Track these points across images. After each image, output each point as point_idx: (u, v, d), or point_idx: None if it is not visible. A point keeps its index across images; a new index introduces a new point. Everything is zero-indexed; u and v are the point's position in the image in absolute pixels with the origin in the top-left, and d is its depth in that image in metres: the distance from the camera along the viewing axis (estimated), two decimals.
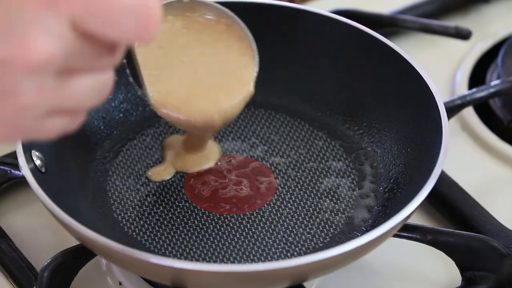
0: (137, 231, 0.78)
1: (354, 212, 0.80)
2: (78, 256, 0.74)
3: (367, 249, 0.70)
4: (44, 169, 0.75)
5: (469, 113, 0.95)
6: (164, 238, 0.78)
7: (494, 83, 0.90)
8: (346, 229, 0.78)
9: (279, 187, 0.82)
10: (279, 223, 0.79)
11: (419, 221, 0.84)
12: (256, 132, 0.88)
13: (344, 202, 0.81)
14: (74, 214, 0.69)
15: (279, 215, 0.80)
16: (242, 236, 0.78)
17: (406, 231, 0.76)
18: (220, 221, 0.79)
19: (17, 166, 0.72)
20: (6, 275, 0.79)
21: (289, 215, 0.80)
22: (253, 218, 0.79)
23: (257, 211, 0.80)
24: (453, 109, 0.88)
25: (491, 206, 0.84)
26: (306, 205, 0.81)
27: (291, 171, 0.84)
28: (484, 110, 0.97)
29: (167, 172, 0.84)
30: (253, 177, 0.83)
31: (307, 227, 0.79)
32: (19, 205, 0.85)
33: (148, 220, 0.79)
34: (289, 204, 0.81)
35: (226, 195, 0.81)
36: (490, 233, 0.81)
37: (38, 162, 0.74)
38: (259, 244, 0.77)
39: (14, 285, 0.78)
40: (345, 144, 0.86)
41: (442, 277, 0.80)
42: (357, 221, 0.79)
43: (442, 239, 0.76)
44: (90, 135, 0.84)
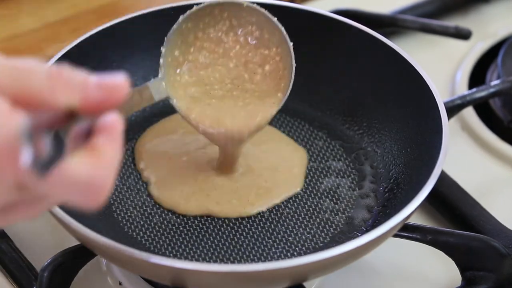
0: (137, 231, 0.78)
1: (354, 212, 0.80)
2: (78, 256, 0.74)
3: (367, 249, 0.70)
4: None
5: (469, 113, 0.95)
6: (164, 238, 0.78)
7: (494, 83, 0.90)
8: (346, 229, 0.78)
9: None
10: (279, 223, 0.79)
11: (419, 221, 0.84)
12: None
13: (344, 202, 0.81)
14: (74, 214, 0.69)
15: (279, 215, 0.80)
16: (242, 236, 0.78)
17: (406, 231, 0.76)
18: (220, 221, 0.79)
19: None
20: (6, 275, 0.79)
21: (289, 215, 0.80)
22: (253, 218, 0.79)
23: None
24: (453, 109, 0.88)
25: (491, 206, 0.84)
26: (306, 205, 0.81)
27: None
28: (484, 110, 0.97)
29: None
30: None
31: (307, 227, 0.79)
32: None
33: (148, 220, 0.79)
34: (289, 204, 0.81)
35: None
36: (490, 233, 0.81)
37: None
38: (259, 244, 0.77)
39: (14, 285, 0.78)
40: (345, 144, 0.86)
41: (442, 277, 0.80)
42: (357, 221, 0.79)
43: (442, 239, 0.76)
44: None
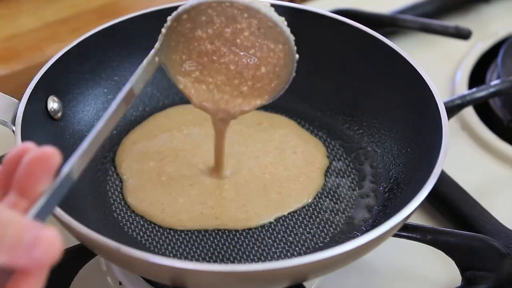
0: (137, 231, 0.78)
1: (354, 212, 0.80)
2: (78, 256, 0.74)
3: (367, 249, 0.70)
4: None
5: (469, 113, 0.95)
6: (164, 238, 0.78)
7: (494, 83, 0.90)
8: (346, 229, 0.78)
9: None
10: (279, 223, 0.79)
11: (419, 221, 0.84)
12: None
13: (344, 202, 0.81)
14: (74, 214, 0.69)
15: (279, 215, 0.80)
16: (242, 236, 0.78)
17: (406, 231, 0.76)
18: None
19: None
20: None
21: (289, 215, 0.80)
22: None
23: None
24: (453, 109, 0.88)
25: (491, 206, 0.84)
26: (306, 205, 0.81)
27: None
28: (484, 110, 0.97)
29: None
30: None
31: (307, 227, 0.79)
32: None
33: (148, 220, 0.79)
34: None
35: None
36: (490, 233, 0.81)
37: None
38: (259, 244, 0.77)
39: None
40: (345, 144, 0.86)
41: (442, 277, 0.80)
42: (357, 221, 0.79)
43: (442, 239, 0.76)
44: None
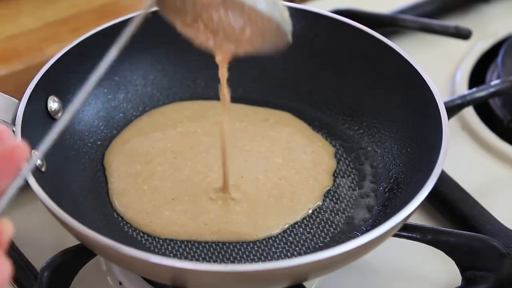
0: (137, 231, 0.78)
1: (354, 212, 0.80)
2: (78, 256, 0.74)
3: (367, 249, 0.70)
4: (44, 168, 0.75)
5: (469, 113, 0.95)
6: (164, 238, 0.77)
7: (494, 83, 0.90)
8: (346, 229, 0.78)
9: None
10: None
11: (419, 221, 0.84)
12: None
13: (344, 202, 0.81)
14: (74, 214, 0.69)
15: None
16: None
17: (406, 231, 0.76)
18: None
19: None
20: None
21: None
22: None
23: None
24: (453, 109, 0.88)
25: (491, 206, 0.84)
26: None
27: None
28: (484, 110, 0.97)
29: None
30: None
31: (307, 227, 0.78)
32: (19, 205, 0.85)
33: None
34: None
35: None
36: (490, 232, 0.81)
37: (38, 162, 0.74)
38: (259, 244, 0.77)
39: (14, 285, 0.78)
40: (345, 144, 0.86)
41: (442, 277, 0.80)
42: (357, 221, 0.79)
43: (442, 239, 0.76)
44: (90, 135, 0.84)
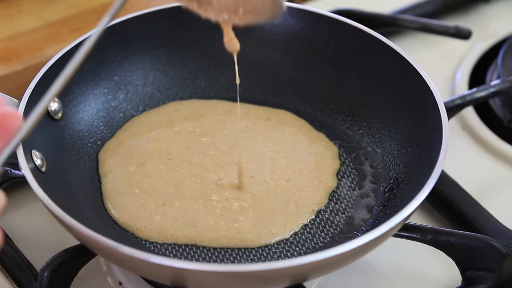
0: None
1: (354, 212, 0.80)
2: (78, 256, 0.74)
3: (367, 249, 0.70)
4: (44, 169, 0.75)
5: (469, 113, 0.95)
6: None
7: (494, 83, 0.90)
8: (346, 229, 0.78)
9: None
10: None
11: (419, 221, 0.84)
12: None
13: (344, 202, 0.81)
14: (74, 214, 0.69)
15: None
16: None
17: (406, 231, 0.76)
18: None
19: (17, 165, 0.71)
20: (6, 275, 0.79)
21: None
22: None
23: None
24: (453, 109, 0.88)
25: (491, 206, 0.84)
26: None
27: None
28: (484, 110, 0.97)
29: None
30: None
31: (307, 227, 0.78)
32: (19, 205, 0.85)
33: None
34: None
35: None
36: (490, 233, 0.81)
37: (38, 161, 0.74)
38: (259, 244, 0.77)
39: (14, 285, 0.78)
40: (345, 144, 0.86)
41: (442, 277, 0.80)
42: (357, 221, 0.79)
43: (442, 239, 0.76)
44: (90, 135, 0.84)
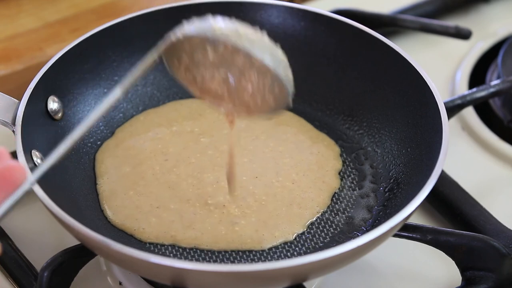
0: None
1: (354, 212, 0.80)
2: (78, 256, 0.74)
3: (367, 249, 0.70)
4: None
5: (469, 113, 0.95)
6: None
7: (494, 83, 0.90)
8: (346, 229, 0.78)
9: None
10: None
11: (419, 221, 0.84)
12: None
13: (344, 202, 0.81)
14: (74, 214, 0.69)
15: None
16: None
17: (406, 231, 0.76)
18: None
19: None
20: (6, 275, 0.79)
21: None
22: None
23: None
24: (453, 109, 0.88)
25: (491, 206, 0.84)
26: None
27: None
28: (484, 110, 0.97)
29: None
30: None
31: (308, 227, 0.78)
32: (19, 205, 0.85)
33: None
34: None
35: None
36: (490, 233, 0.81)
37: (38, 161, 0.74)
38: None
39: (14, 285, 0.78)
40: (345, 144, 0.86)
41: (442, 277, 0.80)
42: (357, 221, 0.79)
43: (442, 239, 0.76)
44: (90, 135, 0.84)
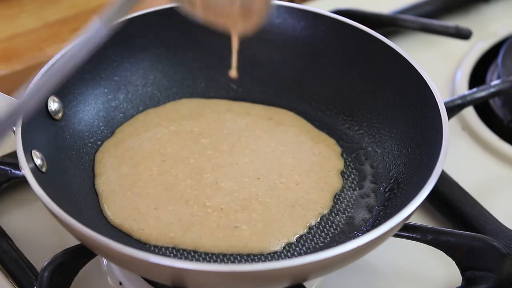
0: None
1: (354, 212, 0.80)
2: (78, 256, 0.74)
3: (367, 249, 0.70)
4: (44, 169, 0.75)
5: (469, 113, 0.95)
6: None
7: (494, 83, 0.90)
8: (346, 229, 0.78)
9: None
10: None
11: (419, 221, 0.84)
12: None
13: (344, 202, 0.81)
14: (74, 214, 0.69)
15: None
16: None
17: (406, 231, 0.76)
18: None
19: (17, 165, 0.72)
20: (6, 275, 0.79)
21: None
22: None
23: None
24: (453, 109, 0.88)
25: (491, 206, 0.84)
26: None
27: None
28: (484, 110, 0.97)
29: None
30: None
31: (307, 227, 0.78)
32: (19, 205, 0.85)
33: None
34: None
35: None
36: (490, 233, 0.81)
37: (38, 161, 0.74)
38: None
39: (14, 285, 0.78)
40: (345, 144, 0.86)
41: (442, 277, 0.80)
42: (357, 221, 0.79)
43: (442, 239, 0.76)
44: (90, 135, 0.84)
